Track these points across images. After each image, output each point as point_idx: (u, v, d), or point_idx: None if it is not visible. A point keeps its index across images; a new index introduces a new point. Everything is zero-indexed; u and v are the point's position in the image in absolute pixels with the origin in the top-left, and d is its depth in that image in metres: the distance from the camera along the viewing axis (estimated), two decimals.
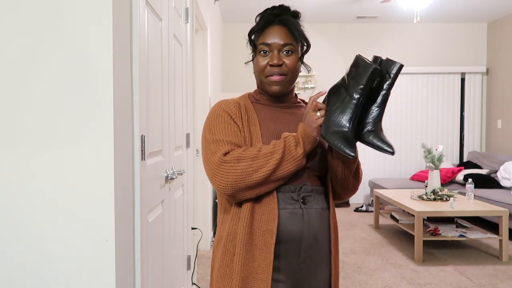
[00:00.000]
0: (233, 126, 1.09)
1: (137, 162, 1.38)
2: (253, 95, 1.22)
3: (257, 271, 1.04)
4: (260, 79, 1.15)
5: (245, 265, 1.04)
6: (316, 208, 1.12)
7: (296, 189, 1.09)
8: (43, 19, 1.14)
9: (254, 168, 1.01)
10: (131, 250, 1.35)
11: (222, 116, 1.11)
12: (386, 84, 1.05)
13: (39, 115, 1.15)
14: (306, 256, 1.09)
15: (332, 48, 6.03)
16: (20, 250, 1.16)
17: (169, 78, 1.91)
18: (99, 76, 1.15)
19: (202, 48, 3.67)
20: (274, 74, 1.11)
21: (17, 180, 1.15)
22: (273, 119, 1.15)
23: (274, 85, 1.12)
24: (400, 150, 6.05)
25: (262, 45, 1.12)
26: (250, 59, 1.20)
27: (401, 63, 1.04)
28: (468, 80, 6.01)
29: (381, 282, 3.03)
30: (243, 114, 1.12)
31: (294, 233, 1.07)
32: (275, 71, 1.11)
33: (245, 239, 1.04)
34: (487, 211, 3.59)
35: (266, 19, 1.13)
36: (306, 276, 1.11)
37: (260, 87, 1.19)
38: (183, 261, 2.34)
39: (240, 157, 1.02)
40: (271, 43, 1.11)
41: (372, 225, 4.79)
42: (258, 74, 1.15)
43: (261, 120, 1.14)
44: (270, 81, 1.12)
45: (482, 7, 5.22)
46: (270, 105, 1.19)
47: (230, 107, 1.13)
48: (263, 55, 1.12)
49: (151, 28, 1.56)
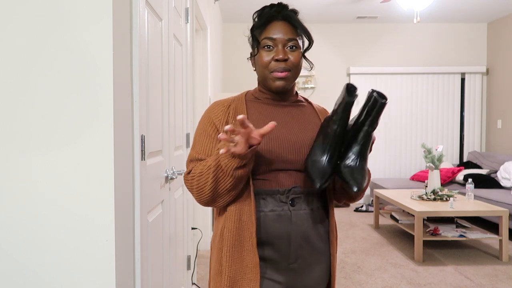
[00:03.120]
0: (211, 139, 1.12)
1: (137, 162, 1.38)
2: (252, 93, 1.20)
3: (245, 271, 1.06)
4: (264, 75, 1.12)
5: (232, 266, 1.07)
6: (305, 209, 1.11)
7: (284, 191, 1.10)
8: (43, 19, 1.14)
9: (202, 183, 1.06)
10: (131, 250, 1.35)
11: (205, 126, 1.14)
12: (368, 121, 1.06)
13: (39, 115, 1.15)
14: (297, 256, 1.10)
15: (332, 48, 6.03)
16: (20, 250, 1.16)
17: (169, 78, 1.91)
18: (99, 76, 1.15)
19: (202, 48, 3.66)
20: (279, 70, 1.09)
21: (17, 179, 1.15)
22: (266, 121, 1.13)
23: (278, 81, 1.10)
24: (400, 150, 6.05)
25: (267, 40, 1.10)
26: (253, 56, 1.17)
27: (384, 100, 1.03)
28: (468, 80, 6.01)
29: (381, 282, 3.03)
30: (230, 118, 1.12)
31: (281, 234, 1.08)
32: (281, 66, 1.09)
33: (231, 242, 1.07)
34: (487, 211, 3.59)
35: (268, 15, 1.11)
36: (299, 276, 1.11)
37: (263, 83, 1.16)
38: (183, 261, 2.33)
39: (193, 175, 1.08)
40: (276, 38, 1.09)
41: (372, 225, 4.79)
42: (262, 70, 1.12)
43: (251, 122, 1.11)
44: (274, 77, 1.10)
45: (482, 7, 5.22)
46: (270, 104, 1.17)
47: (217, 113, 1.14)
48: (267, 50, 1.10)
49: (151, 28, 1.56)
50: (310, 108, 1.23)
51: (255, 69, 1.16)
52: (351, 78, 5.98)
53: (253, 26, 1.14)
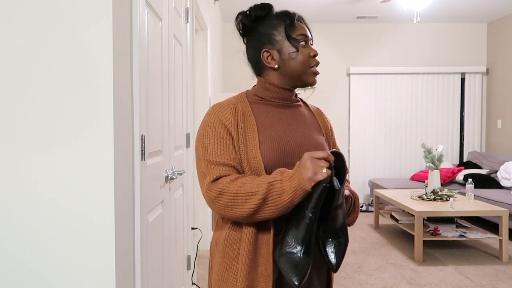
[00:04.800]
0: (227, 142, 1.05)
1: (137, 162, 1.38)
2: (253, 94, 1.16)
3: (259, 278, 1.04)
4: (302, 70, 1.12)
5: (250, 274, 1.03)
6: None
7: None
8: (43, 19, 1.14)
9: (234, 204, 0.98)
10: (131, 250, 1.35)
11: (216, 128, 1.05)
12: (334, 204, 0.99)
13: (39, 115, 1.15)
14: None
15: (332, 48, 6.03)
16: (20, 250, 1.16)
17: (169, 78, 1.91)
18: (99, 76, 1.15)
19: (202, 48, 3.67)
20: (316, 65, 1.14)
21: (17, 180, 1.15)
22: (273, 123, 1.11)
23: (314, 77, 1.14)
24: (400, 150, 6.05)
25: (302, 36, 1.12)
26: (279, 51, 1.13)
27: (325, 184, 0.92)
28: (468, 80, 6.01)
29: (381, 282, 3.03)
30: (239, 121, 1.07)
31: None
32: (317, 62, 1.13)
33: (249, 249, 1.03)
34: (487, 211, 3.59)
35: (291, 14, 1.13)
36: (309, 279, 1.11)
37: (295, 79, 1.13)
38: (183, 261, 2.33)
39: (223, 190, 0.98)
40: (308, 35, 1.13)
41: (372, 225, 4.79)
42: (301, 65, 1.11)
43: (259, 125, 1.09)
44: (313, 72, 1.13)
45: (482, 7, 5.22)
46: (274, 104, 1.14)
47: (225, 115, 1.07)
48: (305, 46, 1.12)
49: (151, 28, 1.56)
50: (307, 109, 1.23)
51: (277, 66, 1.12)
52: (351, 78, 5.98)
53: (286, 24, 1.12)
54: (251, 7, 1.14)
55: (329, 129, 1.23)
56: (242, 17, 1.15)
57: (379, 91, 6.01)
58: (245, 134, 1.06)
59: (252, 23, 1.14)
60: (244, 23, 1.15)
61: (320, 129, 1.19)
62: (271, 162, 1.05)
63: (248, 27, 1.15)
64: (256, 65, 1.16)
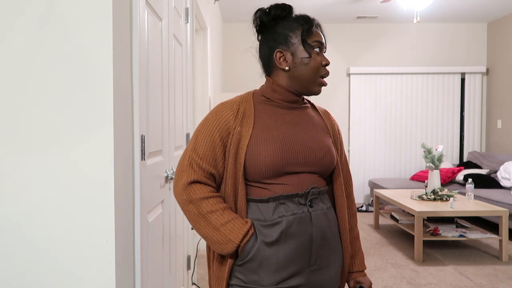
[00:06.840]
0: (216, 148, 1.08)
1: (137, 162, 1.38)
2: (260, 94, 1.16)
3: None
4: (311, 78, 1.11)
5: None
6: (322, 209, 1.12)
7: (303, 194, 1.09)
8: (43, 19, 1.14)
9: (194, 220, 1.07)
10: (131, 250, 1.35)
11: (212, 132, 1.09)
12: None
13: (39, 115, 1.15)
14: (316, 257, 1.10)
15: (332, 48, 6.03)
16: (20, 251, 1.16)
17: (169, 78, 1.91)
18: (99, 76, 1.15)
19: (202, 48, 3.67)
20: (325, 76, 1.13)
21: (17, 180, 1.15)
22: (278, 124, 1.12)
23: (320, 87, 1.14)
24: (400, 150, 6.05)
25: (317, 43, 1.11)
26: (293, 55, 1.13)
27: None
28: (468, 80, 6.01)
29: (381, 282, 3.03)
30: (237, 125, 1.09)
31: (304, 236, 1.08)
32: (327, 72, 1.13)
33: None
34: (487, 211, 3.59)
35: (307, 19, 1.12)
36: (319, 276, 1.11)
37: (303, 85, 1.13)
38: (183, 261, 2.34)
39: (193, 203, 1.06)
40: (323, 43, 1.13)
41: (372, 225, 4.79)
42: (312, 72, 1.11)
43: (260, 126, 1.10)
44: (321, 82, 1.13)
45: (482, 7, 5.22)
46: (281, 106, 1.15)
47: (227, 118, 1.09)
48: (318, 54, 1.12)
49: (151, 28, 1.56)
50: (315, 110, 1.23)
51: (288, 68, 1.12)
52: (351, 78, 5.98)
53: (303, 28, 1.11)
54: (271, 6, 1.13)
55: (336, 131, 1.23)
56: (261, 13, 1.14)
57: (379, 91, 6.01)
58: (240, 136, 1.08)
59: (271, 21, 1.13)
60: (262, 20, 1.14)
61: (328, 131, 1.19)
62: (276, 162, 1.06)
63: (265, 25, 1.14)
64: (267, 64, 1.16)
